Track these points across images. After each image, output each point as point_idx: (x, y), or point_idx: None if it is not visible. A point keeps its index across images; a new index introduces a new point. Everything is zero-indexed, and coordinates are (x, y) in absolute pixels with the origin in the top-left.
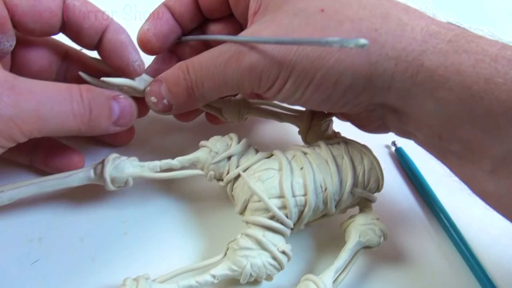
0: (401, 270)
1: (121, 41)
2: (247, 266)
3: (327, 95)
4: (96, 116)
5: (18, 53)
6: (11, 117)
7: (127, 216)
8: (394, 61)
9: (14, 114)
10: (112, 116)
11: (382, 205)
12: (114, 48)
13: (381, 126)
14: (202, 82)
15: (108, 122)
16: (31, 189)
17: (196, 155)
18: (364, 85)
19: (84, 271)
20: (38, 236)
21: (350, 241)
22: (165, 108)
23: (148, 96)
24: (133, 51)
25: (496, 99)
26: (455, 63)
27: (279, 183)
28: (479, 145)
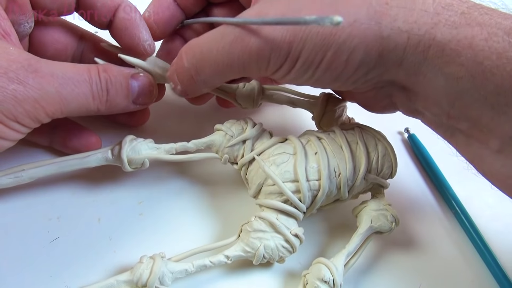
0: (411, 256)
1: (132, 20)
2: (260, 248)
3: (338, 73)
4: (113, 96)
5: (35, 36)
6: (36, 99)
7: (143, 197)
8: (406, 35)
9: (38, 96)
10: (131, 95)
11: (394, 192)
12: (125, 27)
13: (388, 105)
14: (202, 67)
15: (127, 101)
16: (50, 168)
17: (211, 138)
18: (375, 60)
19: (102, 249)
20: (57, 215)
21: (362, 226)
22: (181, 93)
23: (169, 81)
24: (144, 30)
25: (508, 75)
26: (468, 36)
27: (293, 167)
28: (488, 124)
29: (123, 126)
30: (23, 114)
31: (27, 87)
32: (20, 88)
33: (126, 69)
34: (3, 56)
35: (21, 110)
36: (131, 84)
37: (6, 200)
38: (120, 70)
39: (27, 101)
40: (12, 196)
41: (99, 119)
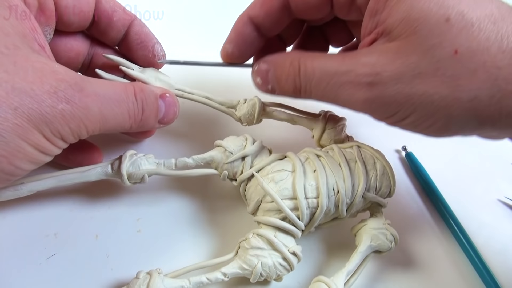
0: (410, 275)
1: (146, 33)
2: (257, 265)
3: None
4: (147, 116)
5: (50, 45)
6: (81, 118)
7: (141, 213)
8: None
9: (83, 115)
10: (159, 115)
11: (392, 210)
12: (141, 40)
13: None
14: (311, 90)
15: (155, 120)
16: (50, 182)
17: (211, 154)
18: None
19: (98, 266)
20: (54, 231)
21: (362, 244)
22: (269, 91)
23: (255, 76)
24: (157, 42)
25: None
26: None
27: (292, 185)
28: None
29: (125, 140)
30: (68, 132)
31: (74, 107)
32: (68, 107)
33: (156, 89)
34: (52, 75)
35: (67, 129)
36: (159, 105)
37: (4, 215)
38: (151, 89)
39: (73, 120)
40: (10, 210)
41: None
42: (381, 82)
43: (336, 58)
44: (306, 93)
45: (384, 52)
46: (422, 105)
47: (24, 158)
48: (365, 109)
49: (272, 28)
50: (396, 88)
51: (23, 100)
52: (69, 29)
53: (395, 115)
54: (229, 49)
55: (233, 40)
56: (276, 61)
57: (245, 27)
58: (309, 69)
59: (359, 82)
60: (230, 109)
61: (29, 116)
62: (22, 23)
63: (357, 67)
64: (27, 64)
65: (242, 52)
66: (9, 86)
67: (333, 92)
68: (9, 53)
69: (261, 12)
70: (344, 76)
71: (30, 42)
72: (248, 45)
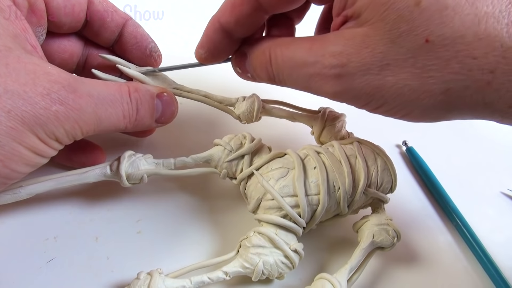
0: (414, 270)
1: (141, 33)
2: (259, 264)
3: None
4: (141, 115)
5: (42, 46)
6: (75, 119)
7: (141, 215)
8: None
9: (77, 116)
10: (155, 114)
11: (394, 205)
12: (136, 41)
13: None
14: (284, 78)
15: (151, 120)
16: (49, 184)
17: (210, 153)
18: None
19: (99, 269)
20: (54, 234)
21: (364, 241)
22: (250, 79)
23: (234, 66)
24: (152, 42)
25: None
26: None
27: (292, 182)
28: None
29: (126, 139)
30: (63, 134)
31: (68, 108)
32: (62, 109)
33: (153, 88)
34: (45, 77)
35: (62, 130)
36: (156, 104)
37: (3, 219)
38: (147, 89)
39: (67, 121)
40: (9, 214)
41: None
42: (348, 73)
43: (304, 46)
44: (280, 82)
45: (351, 39)
46: (392, 97)
47: (20, 161)
48: (337, 99)
49: (245, 31)
50: (364, 79)
51: (16, 103)
52: (62, 30)
53: (368, 104)
54: (202, 55)
55: (205, 45)
56: (251, 50)
57: (216, 34)
58: (279, 58)
59: (326, 74)
60: (228, 107)
61: (23, 118)
62: (13, 24)
63: (324, 58)
64: (20, 65)
65: (215, 57)
66: (1, 88)
67: (304, 83)
68: (1, 55)
69: (232, 18)
70: (312, 67)
71: (22, 43)
72: (220, 50)
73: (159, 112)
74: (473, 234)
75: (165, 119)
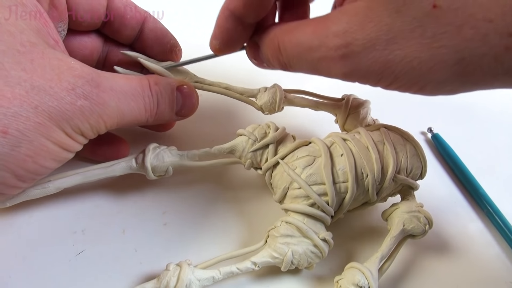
0: (446, 259)
1: (161, 29)
2: (288, 253)
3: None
4: (162, 108)
5: (64, 42)
6: (100, 114)
7: (167, 206)
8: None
9: (101, 111)
10: (176, 107)
11: (421, 193)
12: (156, 36)
13: None
14: (294, 65)
15: (172, 113)
16: (76, 178)
17: (234, 143)
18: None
19: (128, 261)
20: (82, 228)
21: (394, 228)
22: (267, 68)
23: (249, 57)
24: (172, 37)
25: None
26: None
27: (319, 170)
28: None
29: (147, 132)
30: (88, 128)
31: (92, 103)
32: (87, 103)
33: (173, 81)
34: (69, 72)
35: (87, 125)
36: (176, 97)
37: (31, 213)
38: (167, 82)
39: (92, 116)
40: (38, 208)
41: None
42: (354, 53)
43: (308, 30)
44: (293, 68)
45: (354, 14)
46: (402, 73)
47: (48, 156)
48: (348, 80)
49: (255, 14)
50: (370, 57)
51: (43, 98)
52: (82, 27)
53: (379, 82)
54: (216, 45)
55: (218, 35)
56: (261, 40)
57: (227, 22)
58: (287, 45)
59: (332, 56)
60: (250, 98)
61: (50, 114)
62: (36, 18)
63: (328, 39)
64: (44, 61)
65: (229, 46)
66: (28, 84)
67: (313, 68)
68: (26, 50)
69: (240, 2)
70: (317, 51)
71: (45, 37)
72: (234, 39)
73: (179, 104)
74: (505, 220)
75: (186, 111)
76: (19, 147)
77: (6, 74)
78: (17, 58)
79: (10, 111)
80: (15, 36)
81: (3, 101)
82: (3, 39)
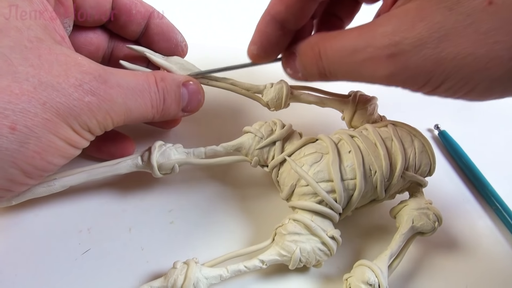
0: (454, 256)
1: (167, 24)
2: (296, 251)
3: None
4: (168, 104)
5: (69, 38)
6: (107, 110)
7: (173, 204)
8: None
9: (109, 107)
10: (181, 103)
11: (428, 190)
12: (162, 31)
13: None
14: (335, 72)
15: (178, 109)
16: (82, 176)
17: (240, 140)
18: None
19: (134, 260)
20: (87, 226)
21: (403, 226)
22: (301, 79)
23: (284, 66)
24: (178, 32)
25: None
26: None
27: (327, 167)
28: None
29: (153, 130)
30: (95, 124)
31: (100, 99)
32: (94, 99)
33: (179, 77)
34: (76, 68)
35: (94, 121)
36: (182, 93)
37: (37, 212)
38: (173, 78)
39: (100, 112)
40: (43, 206)
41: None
42: (403, 51)
43: (353, 34)
44: (331, 75)
45: (403, 16)
46: (455, 70)
47: (56, 152)
48: (392, 83)
49: (296, 20)
50: (421, 55)
51: (51, 94)
52: (88, 23)
53: (426, 84)
54: (255, 51)
55: (257, 41)
56: (300, 49)
57: (268, 26)
58: (329, 51)
59: (379, 56)
60: (256, 94)
61: (58, 110)
62: (42, 14)
63: (375, 40)
64: (51, 57)
65: (267, 52)
66: (36, 80)
67: (356, 71)
68: (33, 46)
69: (282, 7)
70: (363, 52)
71: (51, 33)
72: (273, 44)
73: (185, 101)
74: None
75: (191, 108)
76: (27, 143)
77: (14, 70)
78: (24, 54)
79: (18, 107)
80: (22, 32)
81: (11, 97)
82: (11, 35)
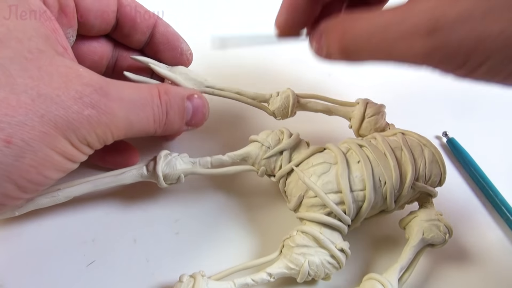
0: (465, 268)
1: (172, 33)
2: (304, 264)
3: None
4: (171, 119)
5: (73, 48)
6: (107, 124)
7: (179, 215)
8: None
9: (109, 121)
10: (186, 117)
11: (438, 200)
12: (167, 40)
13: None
14: (361, 47)
15: (181, 123)
16: (86, 186)
17: (247, 150)
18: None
19: (139, 272)
20: (92, 237)
21: (413, 238)
22: (325, 57)
23: (311, 41)
24: (183, 41)
25: None
26: None
27: (335, 178)
28: None
29: (157, 139)
30: (95, 138)
31: (100, 112)
32: (94, 113)
33: (183, 90)
34: (77, 80)
35: (94, 135)
36: (186, 107)
37: (40, 222)
38: (177, 91)
39: (99, 125)
40: (47, 217)
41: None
42: (444, 26)
43: (385, 12)
44: (356, 54)
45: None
46: (499, 48)
47: (52, 167)
48: (427, 62)
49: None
50: (464, 30)
51: (49, 107)
52: (92, 33)
53: (465, 64)
54: (282, 21)
55: (284, 11)
56: (327, 25)
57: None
58: (357, 27)
59: (417, 31)
60: (262, 103)
61: (56, 123)
62: (44, 25)
63: (412, 15)
64: (52, 68)
65: (295, 22)
66: (35, 92)
67: (387, 48)
68: (33, 57)
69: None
70: (398, 26)
71: (53, 44)
72: (300, 14)
73: (189, 115)
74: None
75: (196, 122)
76: (23, 157)
77: (13, 82)
78: (24, 65)
79: (14, 120)
80: (23, 43)
81: (8, 109)
82: (11, 45)
